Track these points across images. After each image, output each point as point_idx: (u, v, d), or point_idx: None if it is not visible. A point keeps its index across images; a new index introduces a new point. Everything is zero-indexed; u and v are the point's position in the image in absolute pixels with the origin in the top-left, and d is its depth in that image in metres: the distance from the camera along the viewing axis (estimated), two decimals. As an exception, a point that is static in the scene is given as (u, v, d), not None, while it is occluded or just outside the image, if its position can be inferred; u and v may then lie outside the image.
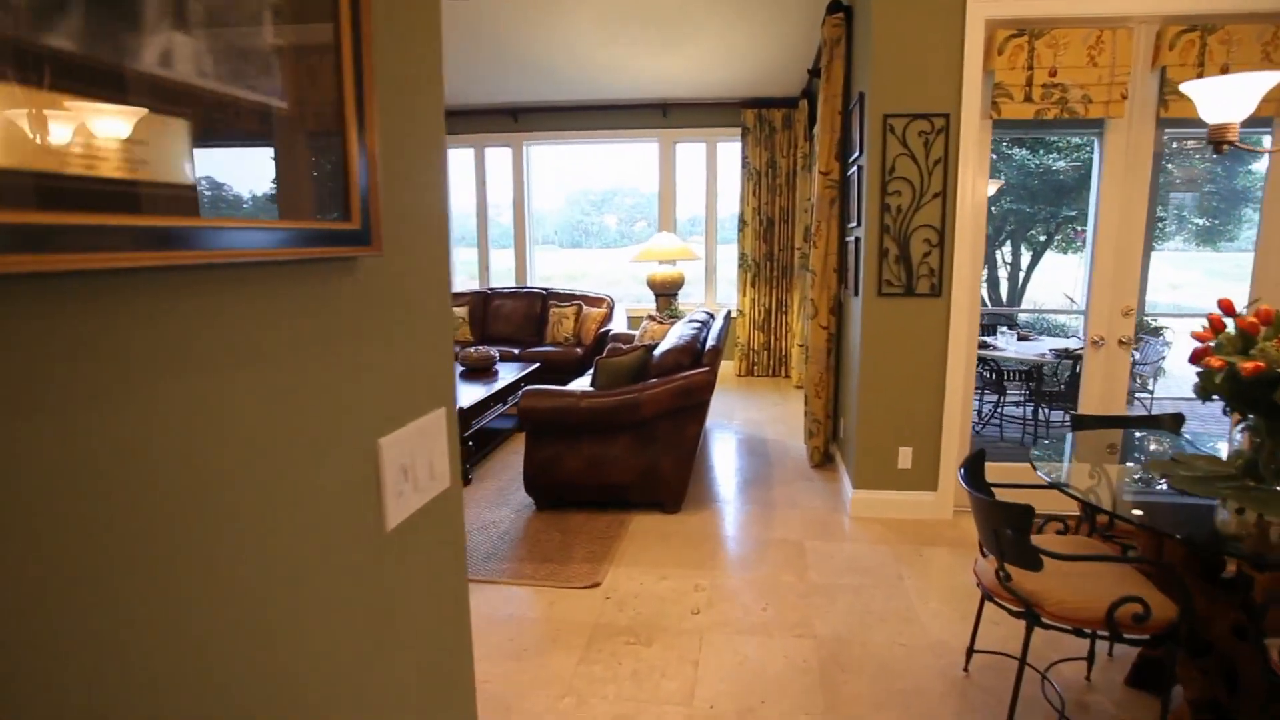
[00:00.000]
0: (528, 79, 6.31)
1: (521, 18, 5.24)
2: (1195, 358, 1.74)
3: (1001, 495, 2.06)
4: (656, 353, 3.53)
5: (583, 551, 3.10)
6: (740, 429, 5.10)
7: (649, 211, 7.22)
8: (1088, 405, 3.29)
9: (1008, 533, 1.66)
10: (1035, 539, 1.70)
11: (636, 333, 5.37)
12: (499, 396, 4.43)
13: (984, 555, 1.96)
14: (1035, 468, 2.00)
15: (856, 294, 3.41)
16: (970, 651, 2.12)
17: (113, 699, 0.47)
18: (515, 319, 6.46)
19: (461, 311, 6.45)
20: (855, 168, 3.43)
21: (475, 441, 4.24)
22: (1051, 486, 1.88)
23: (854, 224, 3.51)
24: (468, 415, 3.92)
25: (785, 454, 4.48)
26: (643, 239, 7.21)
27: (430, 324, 0.95)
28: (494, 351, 4.98)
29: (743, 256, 6.75)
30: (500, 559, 3.07)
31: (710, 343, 3.56)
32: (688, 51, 5.55)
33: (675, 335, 3.68)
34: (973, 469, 1.96)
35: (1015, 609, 1.75)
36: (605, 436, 3.38)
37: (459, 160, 7.73)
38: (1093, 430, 2.41)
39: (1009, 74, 3.01)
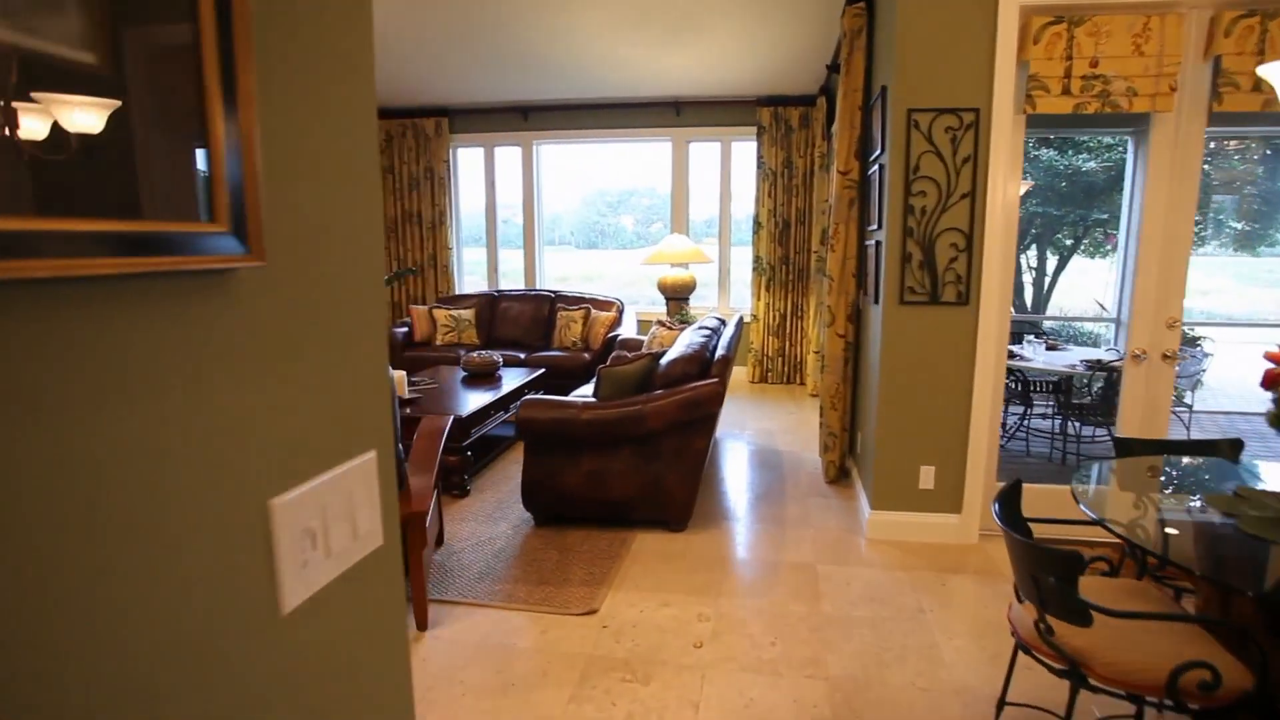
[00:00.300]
0: (538, 76, 6.15)
1: (531, 13, 5.07)
2: (1269, 382, 1.52)
3: (1039, 531, 1.85)
4: (663, 362, 3.34)
5: (581, 573, 2.92)
6: (752, 439, 4.90)
7: (666, 213, 7.03)
8: (1128, 425, 3.05)
9: (1050, 581, 1.46)
10: (1080, 583, 1.49)
11: (645, 338, 5.18)
12: (501, 403, 4.26)
13: (1019, 600, 1.75)
14: (1077, 500, 1.79)
15: (877, 301, 3.20)
16: (1001, 704, 1.91)
17: None
18: (523, 322, 6.29)
19: (468, 314, 6.30)
20: (876, 167, 3.22)
21: (475, 451, 4.07)
22: (1096, 523, 1.67)
23: (874, 226, 3.30)
24: (466, 424, 3.75)
25: (799, 467, 4.27)
26: (658, 240, 7.03)
27: (351, 350, 0.76)
28: (497, 356, 4.81)
29: (757, 260, 6.54)
30: (493, 579, 2.89)
31: (720, 352, 3.36)
32: (701, 47, 5.36)
33: (684, 343, 3.49)
34: (1008, 502, 1.75)
35: (1058, 666, 1.54)
36: (607, 450, 3.20)
37: (468, 160, 7.59)
38: (1139, 455, 2.19)
39: (1045, 65, 2.79)
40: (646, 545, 3.19)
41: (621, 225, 7.12)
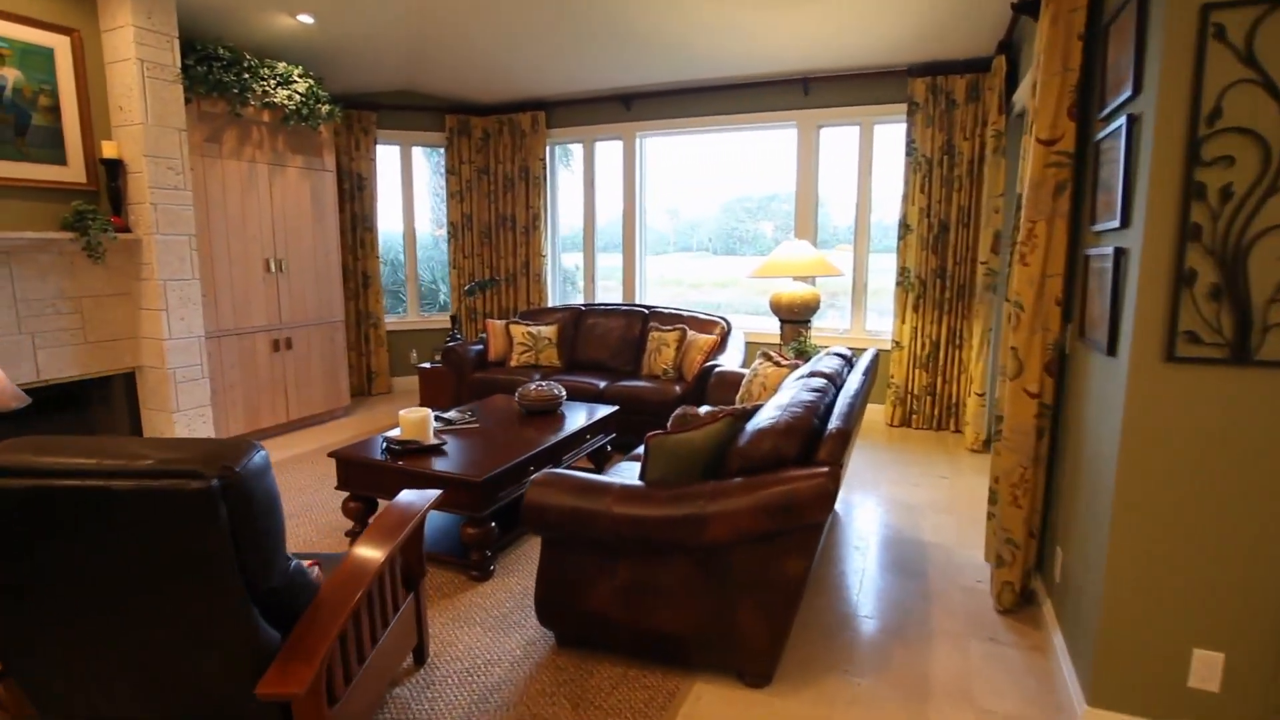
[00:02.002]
0: (639, 57, 5.18)
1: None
2: None
3: None
4: (749, 428, 2.22)
5: (593, 766, 1.87)
6: (885, 516, 3.61)
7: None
8: None
9: None
10: None
11: (747, 373, 4.04)
12: (550, 454, 3.29)
13: None
14: None
15: (1112, 351, 1.89)
16: None
17: None
18: (610, 342, 5.33)
19: (549, 331, 5.43)
20: (1119, 124, 1.91)
21: (504, 520, 3.14)
22: None
23: (1107, 224, 2.00)
24: (488, 488, 2.81)
25: (954, 576, 2.96)
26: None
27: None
28: (558, 390, 3.87)
29: (903, 272, 5.18)
30: (463, 759, 1.91)
31: (837, 422, 2.18)
32: (834, 5, 4.14)
33: (783, 401, 2.34)
34: None
35: None
36: (653, 559, 2.13)
37: (566, 158, 6.79)
38: None
39: None
40: (707, 706, 2.08)
41: (760, 231, 6.32)
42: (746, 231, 7.13)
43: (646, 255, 6.46)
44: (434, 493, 2.21)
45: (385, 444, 3.07)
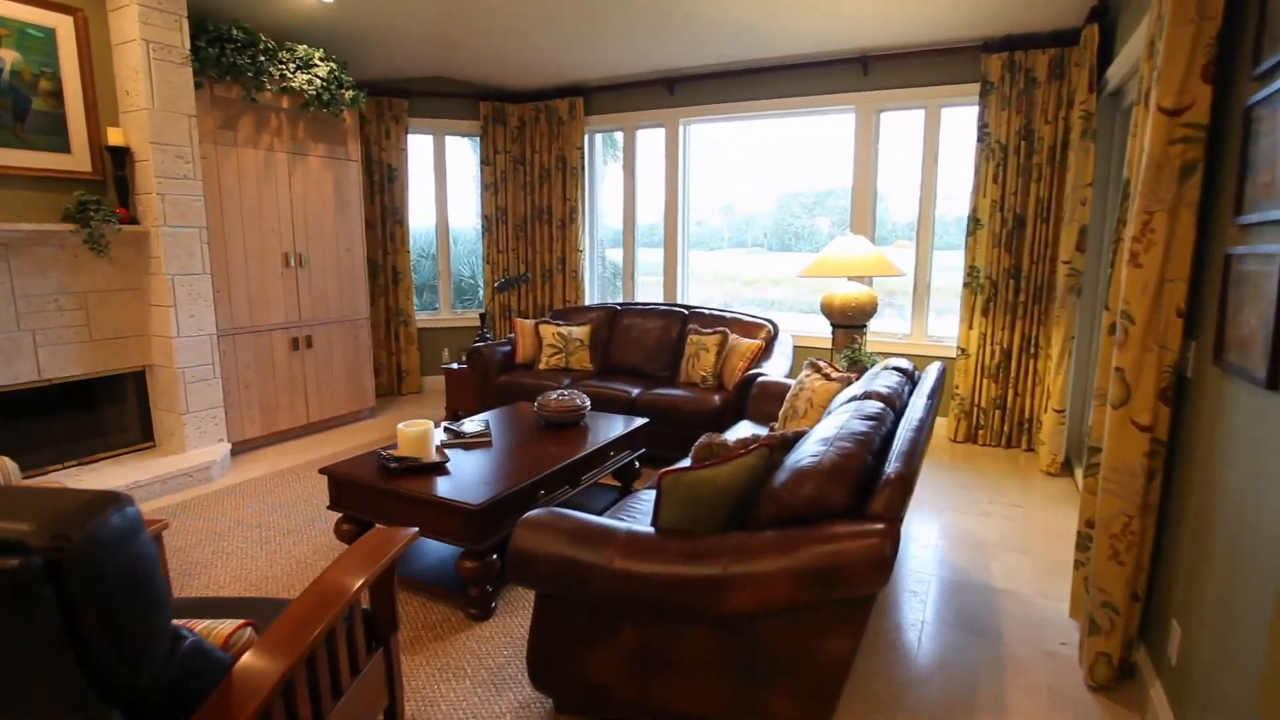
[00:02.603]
0: (683, 35, 4.77)
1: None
2: None
3: None
4: (789, 462, 1.81)
5: None
6: (947, 552, 3.13)
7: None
8: None
9: None
10: None
11: (793, 384, 3.61)
12: (566, 475, 2.94)
13: None
14: None
15: (1275, 384, 1.42)
16: None
17: None
18: (646, 345, 4.95)
19: (581, 332, 5.09)
20: (1284, 83, 1.43)
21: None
22: None
23: (1270, 212, 1.52)
24: (487, 516, 2.47)
25: (1033, 635, 2.49)
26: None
27: None
28: (581, 399, 3.51)
29: (972, 271, 4.65)
30: None
31: (896, 464, 1.74)
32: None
33: (831, 431, 1.92)
34: None
35: None
36: (665, 624, 1.75)
37: (611, 149, 6.43)
38: None
39: None
40: (727, 816, 1.69)
41: (816, 227, 5.99)
42: (802, 227, 6.80)
43: (689, 250, 6.05)
44: (409, 531, 1.87)
45: (380, 461, 2.76)
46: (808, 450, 1.81)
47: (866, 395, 2.25)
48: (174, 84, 3.80)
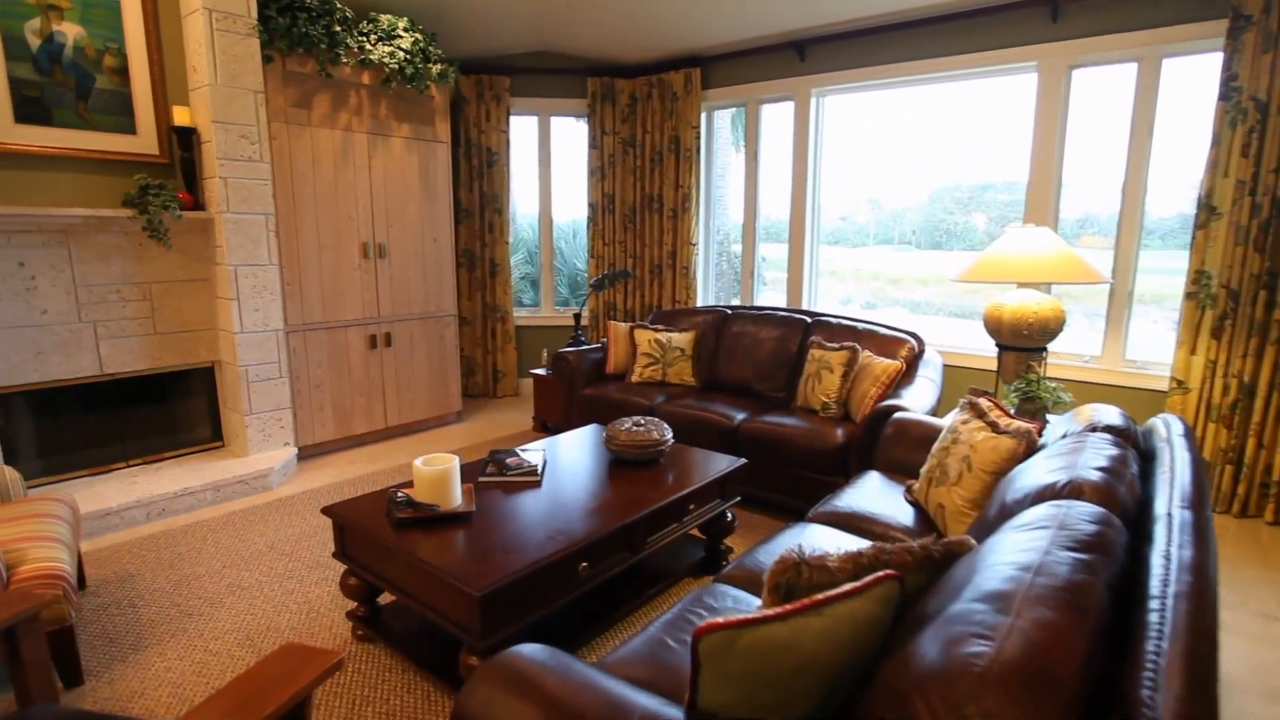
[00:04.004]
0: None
1: None
2: None
3: None
4: (939, 611, 1.01)
5: None
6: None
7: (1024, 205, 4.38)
8: None
9: None
10: None
11: (944, 424, 2.72)
12: (624, 538, 2.26)
13: None
14: None
15: None
16: None
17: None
18: (758, 358, 4.16)
19: (683, 339, 4.38)
20: None
21: (547, 628, 2.15)
22: None
23: None
24: (498, 605, 1.84)
25: None
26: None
27: None
28: (660, 432, 2.80)
29: (1199, 278, 3.46)
30: None
31: (1172, 692, 0.89)
32: None
33: (1015, 557, 1.09)
34: None
35: None
36: None
37: (737, 136, 5.68)
38: None
39: None
40: None
41: (971, 224, 5.10)
42: (955, 224, 5.84)
43: (819, 244, 5.16)
44: (327, 659, 1.26)
45: (388, 505, 2.20)
46: (973, 597, 1.01)
47: (1072, 487, 1.38)
48: (239, 57, 3.49)
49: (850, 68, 4.58)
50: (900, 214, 5.37)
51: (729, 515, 2.86)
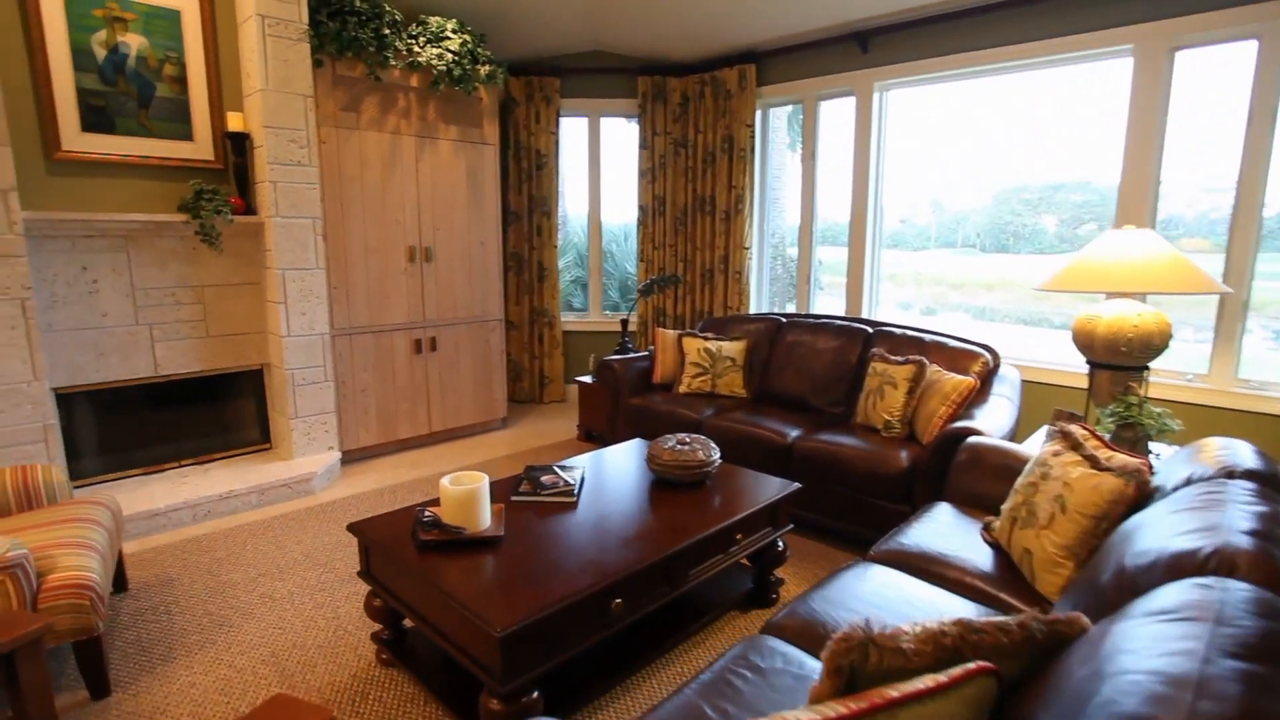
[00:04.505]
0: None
1: None
2: None
3: None
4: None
5: None
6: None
7: (1102, 210, 4.02)
8: None
9: None
10: None
11: (1028, 452, 2.44)
12: (664, 571, 2.07)
13: None
14: None
15: None
16: None
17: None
18: (814, 370, 3.91)
19: (733, 349, 4.17)
20: None
21: (575, 675, 1.99)
22: None
23: None
24: (520, 645, 1.68)
25: None
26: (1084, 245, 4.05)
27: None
28: (707, 452, 2.61)
29: (1329, 287, 3.04)
30: None
31: None
32: None
33: (1149, 663, 0.86)
34: None
35: None
36: None
37: (794, 137, 5.43)
38: None
39: None
40: None
41: (1041, 226, 4.76)
42: (1023, 226, 5.47)
43: (881, 249, 4.87)
44: (319, 714, 1.12)
45: (414, 526, 2.08)
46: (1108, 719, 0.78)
47: (1221, 559, 1.12)
48: (289, 62, 3.46)
49: (916, 58, 4.28)
50: (963, 216, 5.04)
51: (780, 544, 2.64)
